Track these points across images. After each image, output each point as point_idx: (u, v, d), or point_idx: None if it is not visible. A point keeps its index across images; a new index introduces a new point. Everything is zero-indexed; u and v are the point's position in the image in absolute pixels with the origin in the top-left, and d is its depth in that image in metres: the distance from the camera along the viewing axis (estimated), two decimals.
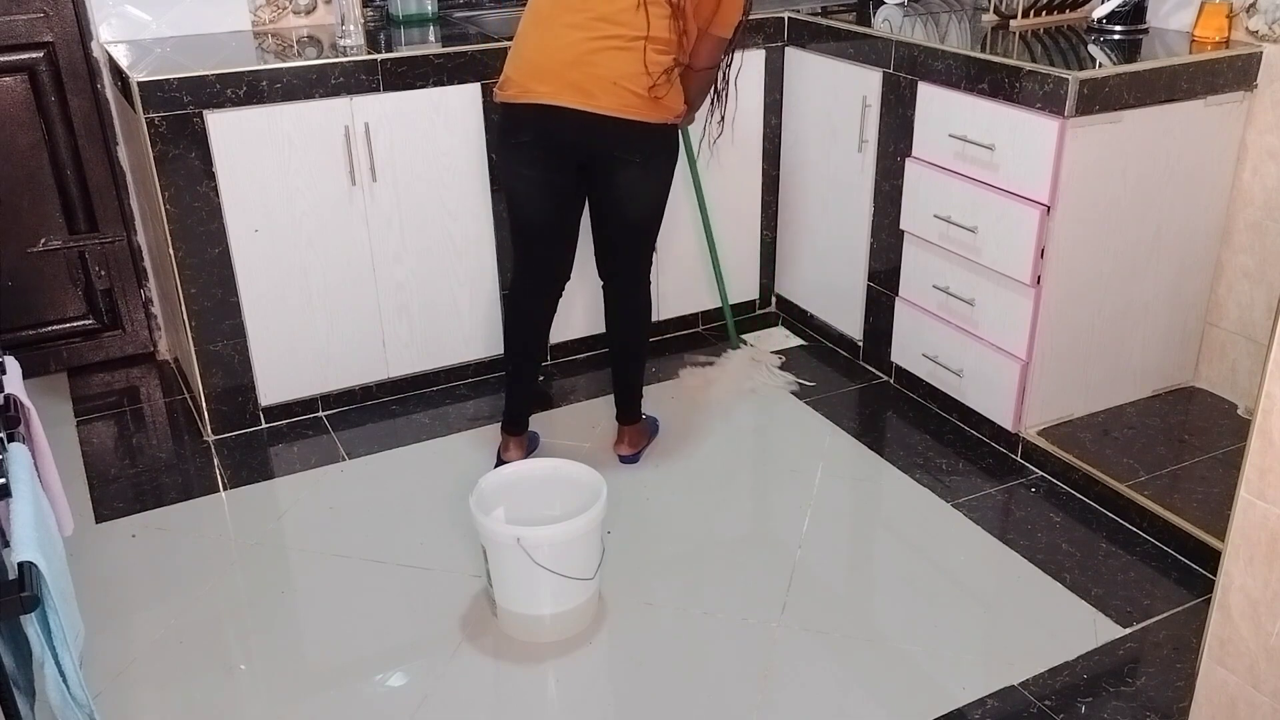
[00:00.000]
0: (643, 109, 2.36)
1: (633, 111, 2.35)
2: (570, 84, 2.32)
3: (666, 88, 2.36)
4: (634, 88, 2.33)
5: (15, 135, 3.03)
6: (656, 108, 2.37)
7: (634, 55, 2.32)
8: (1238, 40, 2.63)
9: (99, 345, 3.36)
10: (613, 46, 2.31)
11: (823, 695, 2.06)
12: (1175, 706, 2.00)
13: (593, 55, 2.31)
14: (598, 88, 2.32)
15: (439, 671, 2.14)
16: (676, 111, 2.43)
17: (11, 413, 1.62)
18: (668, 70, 2.36)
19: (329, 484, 2.76)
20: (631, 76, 2.32)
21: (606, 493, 2.20)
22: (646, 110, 2.36)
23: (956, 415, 2.93)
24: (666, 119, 2.42)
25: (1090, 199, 2.53)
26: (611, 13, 2.31)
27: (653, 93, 2.34)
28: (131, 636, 2.25)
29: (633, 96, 2.33)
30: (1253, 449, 1.44)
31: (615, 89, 2.32)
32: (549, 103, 2.34)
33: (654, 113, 2.38)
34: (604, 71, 2.31)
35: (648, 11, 2.31)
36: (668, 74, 2.36)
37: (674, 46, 2.37)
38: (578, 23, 2.32)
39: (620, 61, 2.32)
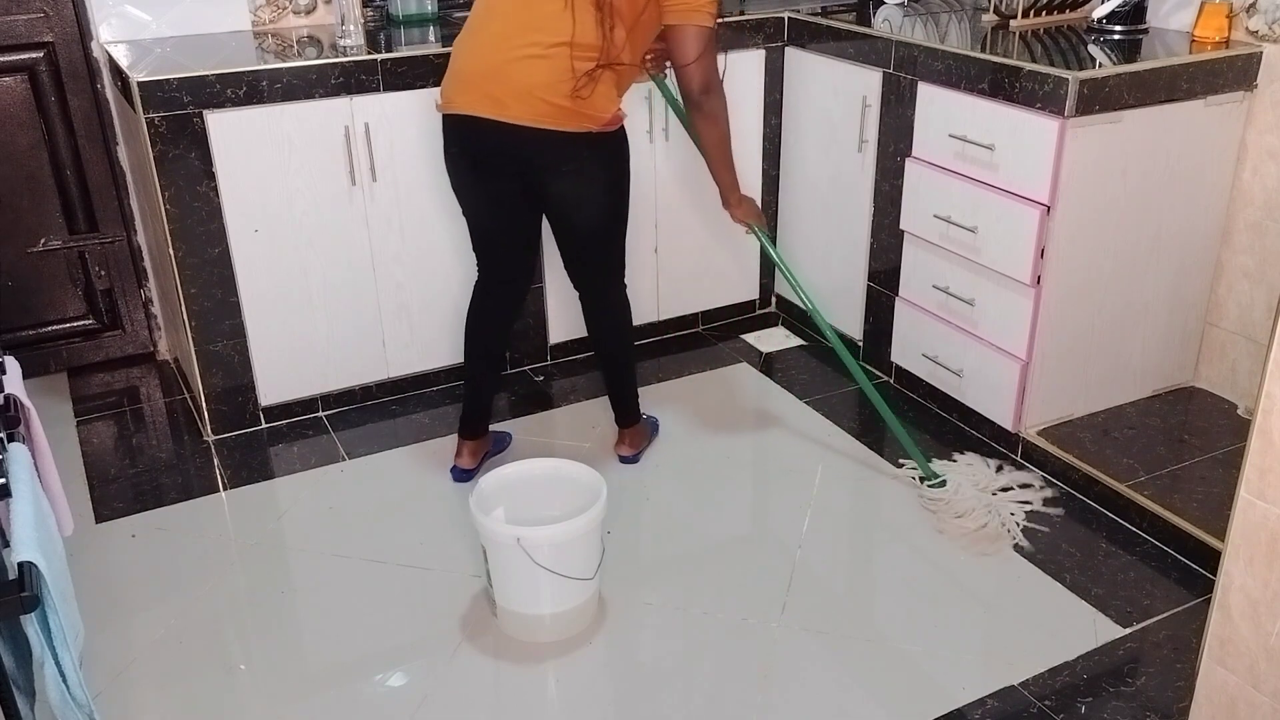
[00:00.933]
0: (560, 118, 2.28)
1: (548, 121, 2.28)
2: (486, 95, 2.29)
3: (590, 88, 2.27)
4: (550, 97, 2.26)
5: (15, 135, 3.03)
6: (577, 116, 2.29)
7: (553, 63, 2.25)
8: (1238, 40, 2.63)
9: (99, 345, 3.36)
10: (531, 55, 2.25)
11: (823, 695, 2.06)
12: (1175, 706, 2.00)
13: (509, 65, 2.26)
14: (511, 98, 2.27)
15: (439, 671, 2.14)
16: (603, 119, 2.33)
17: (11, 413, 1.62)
18: (590, 74, 2.26)
19: (329, 484, 2.76)
20: (548, 85, 2.25)
21: (606, 493, 2.20)
22: (564, 119, 2.28)
23: (956, 415, 2.93)
24: (590, 127, 2.32)
25: (1090, 199, 2.53)
26: (535, 19, 2.25)
27: (575, 96, 2.26)
28: (131, 636, 2.25)
29: (547, 106, 2.26)
30: (1253, 449, 1.44)
31: (529, 99, 2.26)
32: (466, 114, 2.32)
33: (574, 121, 2.29)
34: (519, 81, 2.26)
35: (574, 15, 2.24)
36: (590, 77, 2.26)
37: (598, 49, 2.27)
38: (502, 31, 2.28)
39: (537, 70, 2.25)
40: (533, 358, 3.29)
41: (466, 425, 2.75)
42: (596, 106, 2.31)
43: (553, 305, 3.24)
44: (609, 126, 2.36)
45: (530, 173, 2.39)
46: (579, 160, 2.37)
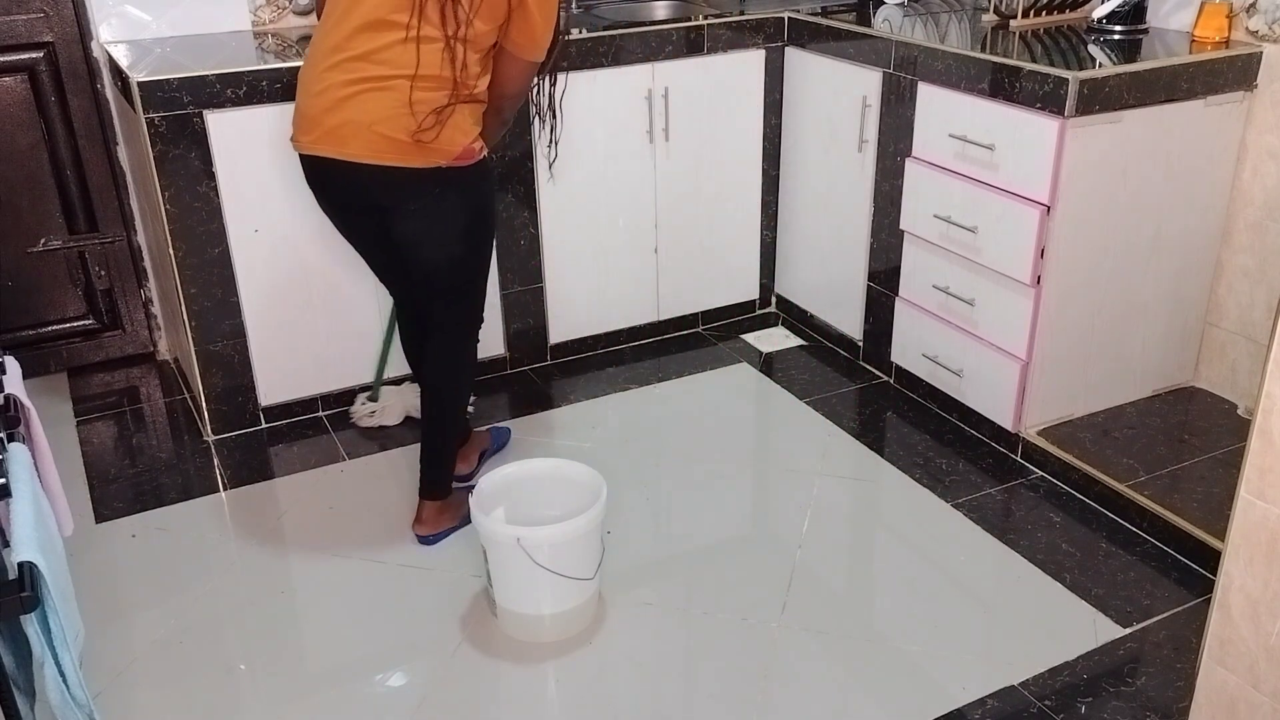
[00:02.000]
0: (403, 154, 2.14)
1: (390, 158, 2.14)
2: (327, 131, 2.16)
3: (436, 130, 2.13)
4: (391, 132, 2.11)
5: (15, 135, 3.03)
6: (422, 151, 2.14)
7: (394, 96, 2.10)
8: (1238, 40, 2.63)
9: (99, 345, 3.36)
10: (370, 88, 2.11)
11: (823, 695, 2.06)
12: (1175, 706, 2.00)
13: (347, 100, 2.12)
14: (350, 133, 2.13)
15: (439, 671, 2.14)
16: (454, 153, 2.17)
17: (11, 413, 1.62)
18: (438, 110, 2.12)
19: (329, 484, 2.76)
20: (388, 120, 2.11)
21: (606, 493, 2.20)
22: (408, 155, 2.14)
23: (956, 415, 2.93)
24: (439, 162, 2.17)
25: (1090, 199, 2.53)
26: (373, 50, 2.11)
27: (418, 136, 2.12)
28: (131, 636, 2.25)
29: (388, 142, 2.12)
30: (1253, 449, 1.44)
31: (369, 134, 2.12)
32: (310, 153, 2.21)
33: (419, 157, 2.15)
34: (358, 115, 2.12)
35: (419, 46, 2.10)
36: (438, 114, 2.12)
37: (449, 83, 2.13)
38: (337, 63, 2.13)
39: (376, 104, 2.11)
40: (533, 358, 3.29)
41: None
42: (446, 140, 2.16)
43: (553, 305, 3.24)
44: (462, 160, 2.20)
45: (375, 210, 2.26)
46: (427, 199, 2.22)
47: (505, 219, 3.05)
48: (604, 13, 3.43)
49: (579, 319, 3.31)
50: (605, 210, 3.19)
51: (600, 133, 3.09)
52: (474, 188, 2.27)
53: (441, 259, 2.31)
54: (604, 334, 3.37)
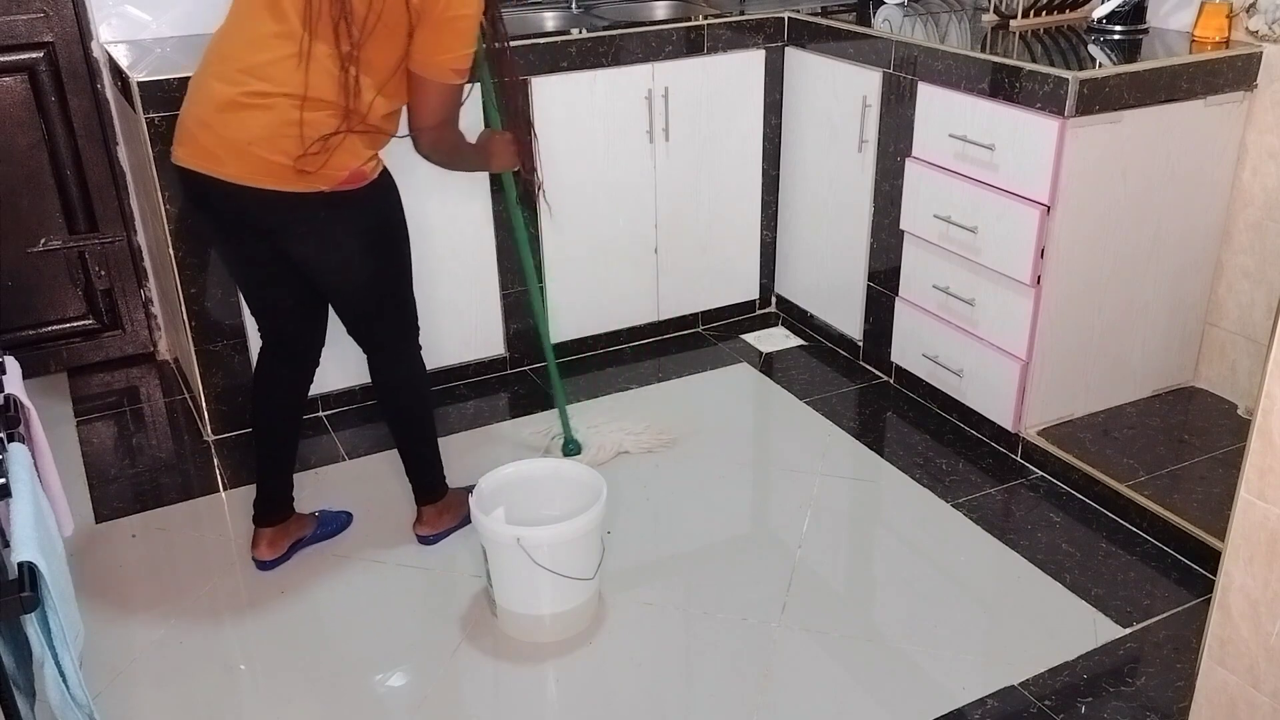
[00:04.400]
0: (280, 179, 1.98)
1: (267, 180, 1.98)
2: (202, 147, 2.01)
3: (323, 157, 1.96)
4: (268, 154, 1.95)
5: (15, 135, 3.03)
6: (302, 177, 1.98)
7: (274, 116, 1.94)
8: (1238, 40, 2.63)
9: (99, 345, 3.36)
10: (250, 104, 1.95)
11: (823, 695, 2.06)
12: (1175, 706, 2.00)
13: (225, 114, 1.97)
14: (224, 152, 1.98)
15: (439, 671, 2.14)
16: (339, 178, 2.00)
17: (11, 413, 1.61)
18: (326, 138, 1.95)
19: (329, 484, 2.76)
20: (265, 141, 1.95)
21: (606, 493, 2.20)
22: (286, 180, 1.98)
23: (956, 415, 2.93)
24: (319, 187, 2.00)
25: (1090, 199, 2.53)
26: (259, 64, 1.95)
27: (300, 164, 1.95)
28: (131, 636, 2.25)
29: (265, 165, 1.96)
30: (1253, 449, 1.44)
31: (245, 155, 1.96)
32: (186, 166, 2.05)
33: (298, 182, 1.98)
34: (234, 133, 1.96)
35: (308, 65, 1.93)
36: (325, 142, 1.95)
37: (340, 110, 1.96)
38: (222, 74, 1.98)
39: (255, 123, 1.95)
40: (533, 358, 3.29)
41: (262, 509, 2.40)
42: (333, 165, 1.99)
43: (553, 305, 3.23)
44: (348, 185, 2.03)
45: (267, 235, 2.10)
46: (314, 223, 2.06)
47: (505, 219, 3.05)
48: (604, 13, 3.43)
49: (579, 319, 3.31)
50: (605, 210, 3.19)
51: (600, 133, 3.09)
52: (367, 208, 2.10)
53: (347, 281, 2.17)
54: (604, 334, 3.37)
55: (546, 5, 3.45)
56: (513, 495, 2.29)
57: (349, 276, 2.16)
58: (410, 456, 2.44)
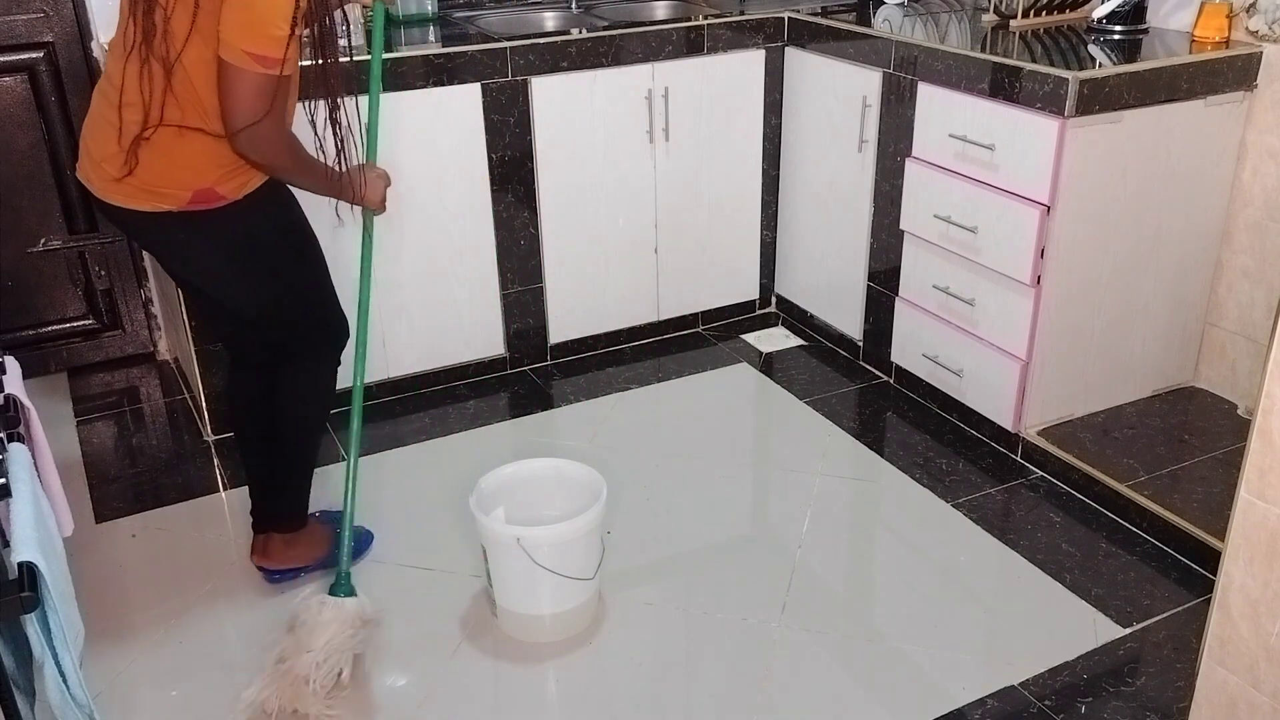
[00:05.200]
0: (125, 196, 1.88)
1: (118, 197, 1.89)
2: (82, 162, 1.98)
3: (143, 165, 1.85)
4: (110, 169, 1.88)
5: (15, 135, 3.02)
6: (143, 194, 1.87)
7: (108, 128, 1.87)
8: (1238, 40, 2.63)
9: (99, 345, 3.36)
10: (101, 116, 1.91)
11: (823, 695, 2.06)
12: (1175, 706, 2.00)
13: (90, 127, 1.93)
14: (89, 168, 1.94)
15: (439, 671, 2.14)
16: (184, 198, 1.88)
17: (11, 413, 1.61)
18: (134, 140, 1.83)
19: (329, 484, 2.76)
20: (108, 157, 1.88)
21: (606, 493, 2.20)
22: (130, 197, 1.88)
23: (956, 415, 2.93)
24: (165, 206, 1.89)
25: (1090, 199, 2.53)
26: (110, 72, 1.89)
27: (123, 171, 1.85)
28: (131, 636, 2.25)
29: (110, 181, 1.89)
30: (1253, 449, 1.44)
31: (99, 170, 1.91)
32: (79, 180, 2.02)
33: (141, 199, 1.88)
34: (93, 147, 1.92)
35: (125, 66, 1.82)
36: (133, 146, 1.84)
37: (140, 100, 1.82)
38: (103, 86, 1.93)
39: (101, 135, 1.89)
40: (533, 358, 3.29)
41: (259, 516, 2.37)
42: (166, 181, 1.86)
43: (553, 305, 3.23)
44: (198, 205, 1.90)
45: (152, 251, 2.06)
46: (173, 244, 1.97)
47: (505, 219, 3.06)
48: (604, 13, 3.43)
49: (579, 319, 3.30)
50: (605, 210, 3.19)
51: (600, 133, 3.10)
52: (230, 228, 1.96)
53: (226, 298, 2.09)
54: (604, 334, 3.37)
55: (546, 5, 3.45)
56: (513, 495, 2.29)
57: (226, 295, 2.09)
58: (276, 476, 2.28)
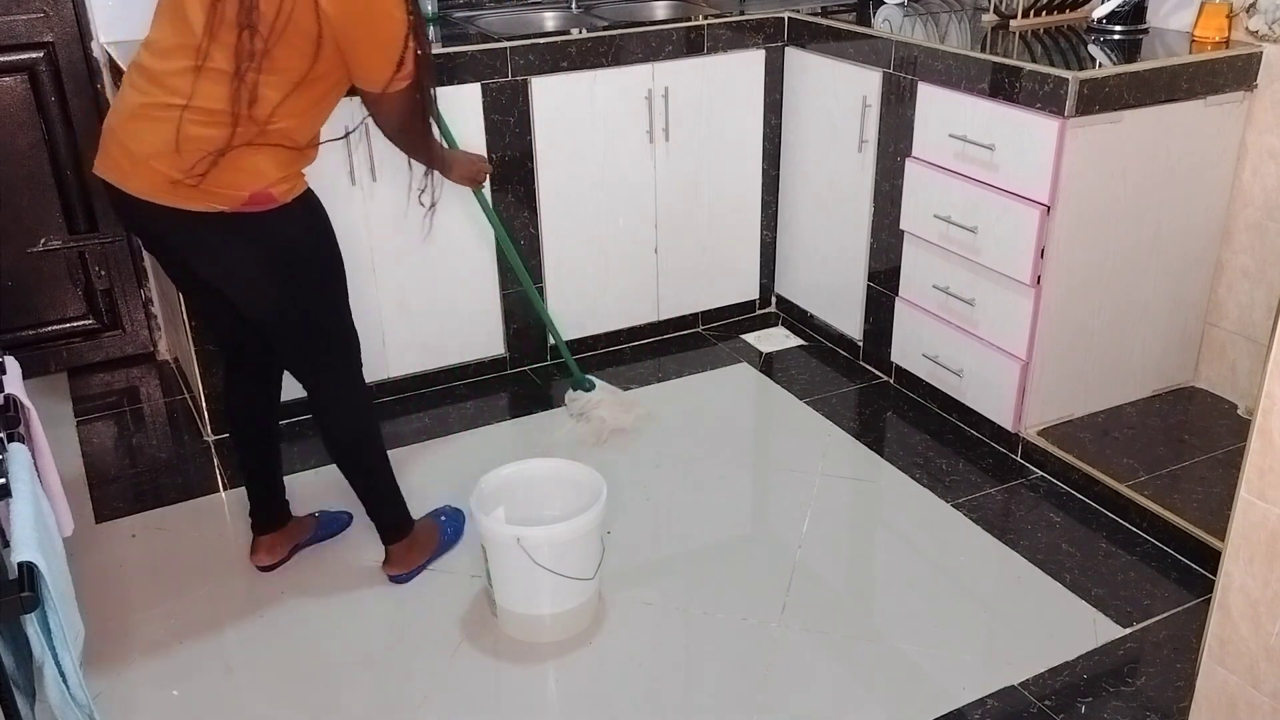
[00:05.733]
0: (179, 195, 1.89)
1: (166, 196, 1.89)
2: (112, 159, 1.95)
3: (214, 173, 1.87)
4: (166, 169, 1.87)
5: (15, 135, 3.02)
6: (200, 194, 1.88)
7: (167, 128, 1.86)
8: (1238, 40, 2.63)
9: (99, 345, 3.36)
10: (150, 115, 1.88)
11: (823, 695, 2.06)
12: (1175, 706, 2.00)
13: (130, 123, 1.91)
14: (129, 165, 1.91)
15: (439, 671, 2.14)
16: (241, 198, 1.90)
17: (11, 413, 1.61)
18: (214, 154, 1.86)
19: (329, 484, 2.75)
20: (162, 155, 1.87)
21: (606, 493, 2.20)
22: (185, 197, 1.89)
23: (956, 415, 2.93)
24: (220, 207, 1.90)
25: (1090, 199, 2.53)
26: (162, 72, 1.87)
27: (187, 179, 1.86)
28: (131, 636, 2.25)
29: (163, 180, 1.88)
30: (1253, 449, 1.44)
31: (145, 170, 1.89)
32: (100, 177, 1.99)
33: (197, 200, 1.89)
34: (135, 145, 1.90)
35: (197, 73, 1.84)
36: (214, 158, 1.86)
37: (229, 120, 1.85)
38: (135, 81, 1.91)
39: (151, 134, 1.87)
40: (533, 358, 3.29)
41: (257, 517, 2.39)
42: (229, 183, 1.89)
43: (553, 305, 3.23)
44: (251, 207, 1.92)
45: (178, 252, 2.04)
46: (213, 245, 1.97)
47: (505, 219, 3.06)
48: (604, 13, 3.43)
49: (579, 319, 3.30)
50: (605, 210, 3.20)
51: (600, 133, 3.10)
52: (274, 233, 1.98)
53: (257, 307, 2.07)
54: (604, 334, 3.37)
55: (546, 5, 3.45)
56: (513, 495, 2.29)
57: (258, 303, 2.06)
58: (367, 495, 2.31)
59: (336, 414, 2.22)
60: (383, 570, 2.39)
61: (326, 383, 2.19)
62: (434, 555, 2.43)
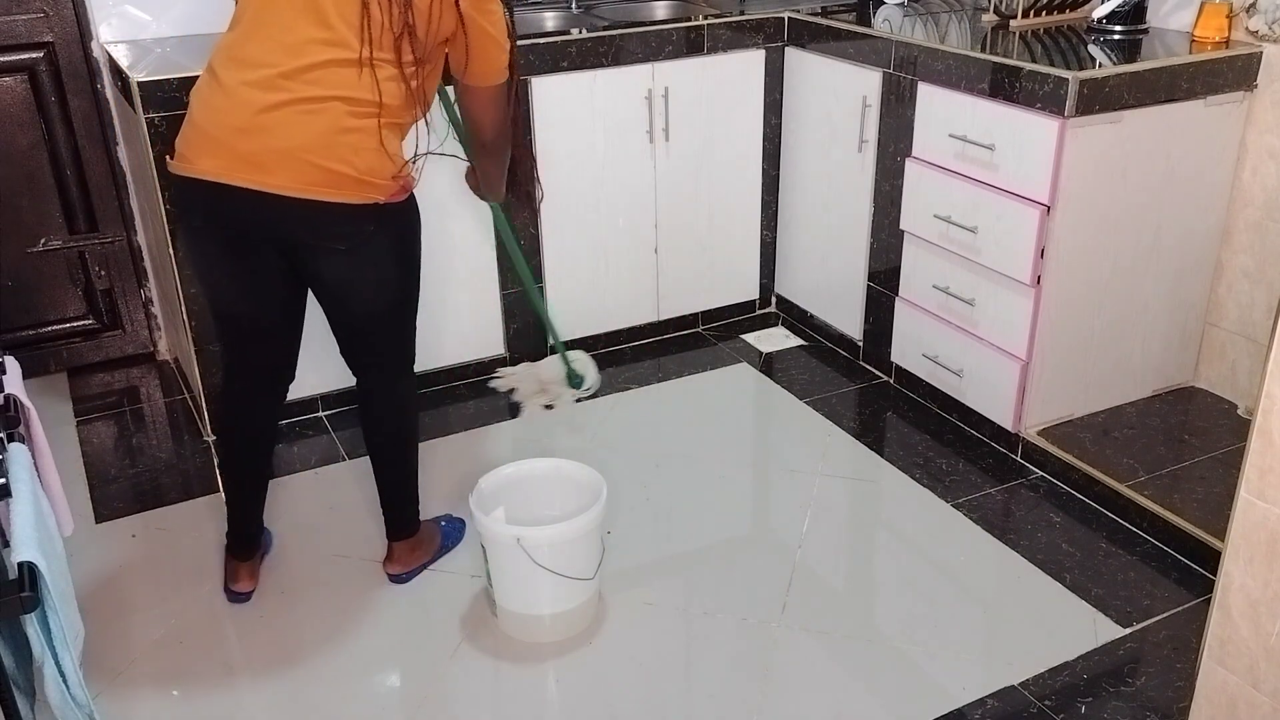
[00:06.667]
0: (339, 188, 1.91)
1: (319, 190, 1.90)
2: (241, 157, 1.89)
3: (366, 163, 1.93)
4: (326, 161, 1.89)
5: (15, 135, 3.03)
6: (360, 186, 1.93)
7: (330, 120, 1.88)
8: (1238, 40, 2.63)
9: (99, 345, 3.36)
10: (304, 110, 1.87)
11: (823, 695, 2.06)
12: (1175, 706, 2.00)
13: (268, 118, 1.87)
14: (274, 160, 1.88)
15: (439, 671, 2.14)
16: (393, 187, 1.98)
17: (11, 413, 1.62)
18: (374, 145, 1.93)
19: (329, 484, 2.76)
20: (323, 147, 1.88)
21: (606, 493, 2.20)
22: (345, 189, 1.92)
23: (956, 415, 2.93)
24: (376, 197, 1.96)
25: (1090, 199, 2.53)
26: (305, 69, 1.87)
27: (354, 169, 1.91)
28: (131, 636, 2.25)
29: (323, 173, 1.89)
30: (1253, 449, 1.44)
31: (298, 164, 1.88)
32: (215, 180, 1.92)
33: (356, 192, 1.93)
34: (284, 141, 1.87)
35: (373, 75, 1.89)
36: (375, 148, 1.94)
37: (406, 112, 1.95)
38: (257, 80, 1.88)
39: (311, 128, 1.87)
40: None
41: (240, 544, 2.33)
42: (377, 171, 1.95)
43: (553, 305, 3.23)
44: (398, 196, 2.01)
45: (293, 248, 2.02)
46: (359, 238, 2.00)
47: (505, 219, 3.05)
48: (604, 13, 3.43)
49: (579, 319, 3.30)
50: (605, 210, 3.20)
51: (600, 133, 3.10)
52: (407, 224, 2.08)
53: (375, 301, 2.11)
54: (604, 334, 3.37)
55: (546, 5, 3.45)
56: (513, 495, 2.29)
57: (376, 297, 2.10)
58: (392, 488, 2.33)
59: (403, 406, 2.28)
60: (383, 569, 2.40)
61: (403, 375, 2.25)
62: (434, 557, 2.43)
